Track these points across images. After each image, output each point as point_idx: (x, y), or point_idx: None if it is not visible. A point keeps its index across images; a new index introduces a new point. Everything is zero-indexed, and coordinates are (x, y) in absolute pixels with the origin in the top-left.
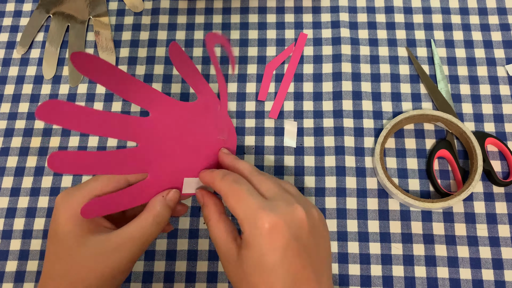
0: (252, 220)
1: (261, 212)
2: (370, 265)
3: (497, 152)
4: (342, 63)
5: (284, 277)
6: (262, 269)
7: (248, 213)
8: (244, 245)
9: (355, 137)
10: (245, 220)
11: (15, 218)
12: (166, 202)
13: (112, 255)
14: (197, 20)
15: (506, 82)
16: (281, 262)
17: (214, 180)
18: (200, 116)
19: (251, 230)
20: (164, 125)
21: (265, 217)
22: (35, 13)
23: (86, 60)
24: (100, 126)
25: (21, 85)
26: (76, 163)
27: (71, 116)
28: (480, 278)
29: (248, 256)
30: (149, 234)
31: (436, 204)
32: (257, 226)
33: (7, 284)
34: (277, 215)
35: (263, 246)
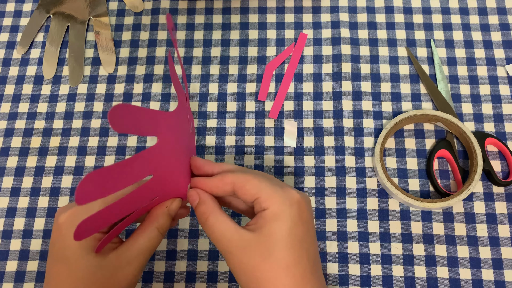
0: (281, 193)
1: (287, 187)
2: (370, 265)
3: (497, 152)
4: (342, 63)
5: (309, 250)
6: (291, 241)
7: (274, 190)
8: (271, 219)
9: (355, 137)
10: (272, 195)
11: (15, 218)
12: (169, 212)
13: (125, 270)
14: (197, 20)
15: (506, 82)
16: (307, 234)
17: (223, 177)
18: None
19: (281, 201)
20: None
21: (292, 192)
22: (35, 13)
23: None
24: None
25: (21, 85)
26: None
27: (102, 188)
28: (480, 278)
29: (278, 228)
30: (155, 244)
31: (436, 204)
32: (288, 198)
33: (7, 284)
34: (299, 193)
35: (294, 218)
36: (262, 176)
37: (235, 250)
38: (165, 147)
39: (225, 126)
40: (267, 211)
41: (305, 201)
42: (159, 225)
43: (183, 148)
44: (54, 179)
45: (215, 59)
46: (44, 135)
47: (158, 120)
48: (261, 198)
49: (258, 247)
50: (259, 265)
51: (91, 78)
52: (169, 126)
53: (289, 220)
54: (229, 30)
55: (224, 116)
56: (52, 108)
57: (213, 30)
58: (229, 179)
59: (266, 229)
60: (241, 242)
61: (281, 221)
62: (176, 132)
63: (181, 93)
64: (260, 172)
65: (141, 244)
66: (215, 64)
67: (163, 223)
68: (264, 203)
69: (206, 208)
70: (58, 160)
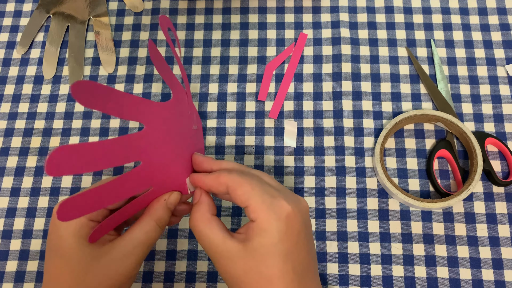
0: (268, 206)
1: (277, 198)
2: (370, 265)
3: (497, 152)
4: (342, 63)
5: (296, 264)
6: (276, 256)
7: (264, 200)
8: (258, 232)
9: (355, 137)
10: (260, 207)
11: (15, 218)
12: (167, 205)
13: (121, 263)
14: (197, 20)
15: (506, 82)
16: (294, 249)
17: (219, 176)
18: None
19: (268, 215)
20: (158, 132)
21: (282, 203)
22: (35, 13)
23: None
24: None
25: (21, 85)
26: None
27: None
28: (480, 278)
29: (263, 243)
30: (153, 238)
31: (436, 204)
32: (275, 212)
33: (7, 284)
34: (291, 203)
35: (281, 232)
36: (256, 182)
37: (221, 259)
38: (154, 135)
39: (225, 126)
40: (254, 223)
41: (297, 212)
42: (156, 218)
43: (182, 142)
44: (54, 179)
45: (215, 59)
46: (44, 135)
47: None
48: (249, 208)
49: (242, 260)
50: (243, 278)
51: (91, 78)
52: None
53: (275, 235)
54: (229, 30)
55: (224, 116)
56: (52, 108)
57: (213, 30)
58: (223, 180)
59: (252, 243)
60: (227, 253)
61: (267, 237)
62: (170, 123)
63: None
64: (258, 173)
65: (137, 237)
66: (215, 64)
67: (160, 215)
68: (252, 214)
69: (199, 210)
70: None
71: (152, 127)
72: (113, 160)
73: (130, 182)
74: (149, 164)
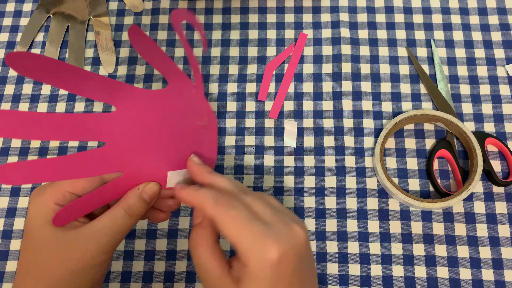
0: (258, 251)
1: (268, 242)
2: (370, 265)
3: (497, 152)
4: (342, 63)
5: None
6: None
7: (253, 243)
8: (248, 278)
9: (355, 137)
10: (250, 252)
11: (15, 218)
12: (140, 194)
13: (83, 247)
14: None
15: (506, 82)
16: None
17: (205, 206)
18: (173, 102)
19: (258, 262)
20: (132, 118)
21: (273, 246)
22: (35, 13)
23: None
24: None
25: (21, 85)
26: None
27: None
28: (480, 278)
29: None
30: (120, 225)
31: (436, 204)
32: (266, 258)
33: (7, 284)
34: (284, 242)
35: (272, 278)
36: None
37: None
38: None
39: (225, 126)
40: (245, 268)
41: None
42: (126, 206)
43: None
44: None
45: (215, 59)
46: None
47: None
48: (237, 250)
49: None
50: None
51: None
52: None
53: (266, 283)
54: (229, 30)
55: (224, 116)
56: (52, 108)
57: (213, 30)
58: (208, 212)
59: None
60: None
61: (258, 284)
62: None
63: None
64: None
65: (103, 223)
66: (215, 64)
67: (131, 204)
68: (241, 257)
69: (201, 235)
70: None
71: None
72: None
73: (93, 160)
74: (114, 146)
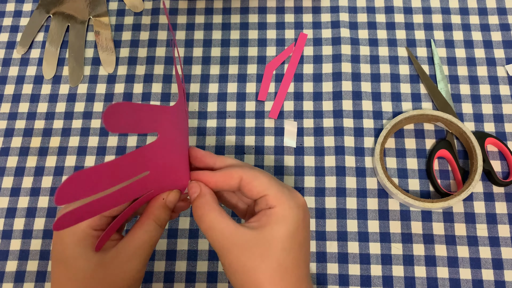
0: (288, 196)
1: (292, 190)
2: (370, 265)
3: (497, 152)
4: (342, 63)
5: (307, 254)
6: (294, 245)
7: (282, 190)
8: (275, 220)
9: (355, 137)
10: (281, 194)
11: (15, 218)
12: (166, 204)
13: (126, 267)
14: (197, 20)
15: (506, 82)
16: (307, 240)
17: (231, 172)
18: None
19: (289, 203)
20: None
21: (298, 194)
22: (35, 13)
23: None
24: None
25: (21, 85)
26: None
27: (87, 187)
28: (480, 278)
29: (281, 231)
30: (155, 237)
31: (436, 204)
32: (295, 201)
33: (7, 284)
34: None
35: (299, 220)
36: (269, 175)
37: (233, 248)
38: (165, 142)
39: (225, 126)
40: (273, 210)
41: (307, 206)
42: (156, 218)
43: (182, 141)
44: (54, 179)
45: (215, 59)
46: (44, 135)
47: (158, 115)
48: (269, 196)
49: (258, 247)
50: (258, 265)
51: (91, 78)
52: (170, 121)
53: (294, 223)
54: (229, 30)
55: (224, 116)
56: (52, 108)
57: (213, 30)
58: (237, 174)
59: (269, 229)
60: (241, 241)
61: (286, 223)
62: (176, 126)
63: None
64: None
65: (139, 239)
66: (215, 64)
67: (160, 215)
68: (271, 202)
69: (206, 202)
70: (58, 160)
71: (164, 134)
72: (122, 178)
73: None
74: (157, 172)
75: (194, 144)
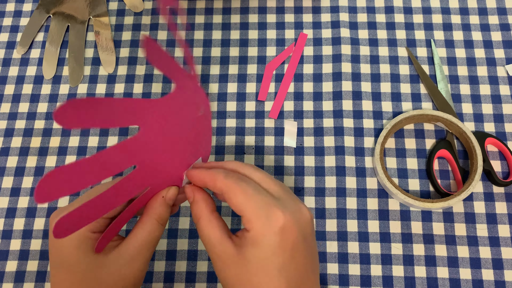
0: (263, 217)
1: (273, 209)
2: (370, 265)
3: (497, 152)
4: (342, 63)
5: (290, 279)
6: (269, 270)
7: (259, 210)
8: (251, 243)
9: (355, 137)
10: (255, 217)
11: (15, 218)
12: (165, 201)
13: (129, 267)
14: (197, 20)
15: (506, 82)
16: (290, 262)
17: (215, 179)
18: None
19: (262, 227)
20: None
21: (278, 214)
22: (35, 13)
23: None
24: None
25: (21, 85)
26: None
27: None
28: (480, 278)
29: (255, 255)
30: (156, 236)
31: (436, 204)
32: (270, 224)
33: (7, 284)
34: (289, 214)
35: (275, 245)
36: (252, 190)
37: (217, 260)
38: (151, 136)
39: (225, 126)
40: (248, 233)
41: (294, 223)
42: (157, 216)
43: (182, 134)
44: None
45: (215, 59)
46: (44, 135)
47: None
48: (244, 218)
49: (236, 267)
50: (236, 284)
51: (91, 78)
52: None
53: (268, 249)
54: (229, 30)
55: (224, 116)
56: (52, 108)
57: (213, 30)
58: (219, 185)
59: (245, 252)
60: (223, 254)
61: (260, 249)
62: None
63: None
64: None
65: (142, 238)
66: (215, 64)
67: (161, 213)
68: (246, 224)
69: (198, 208)
70: (58, 160)
71: (148, 128)
72: (106, 173)
73: (126, 187)
74: (145, 166)
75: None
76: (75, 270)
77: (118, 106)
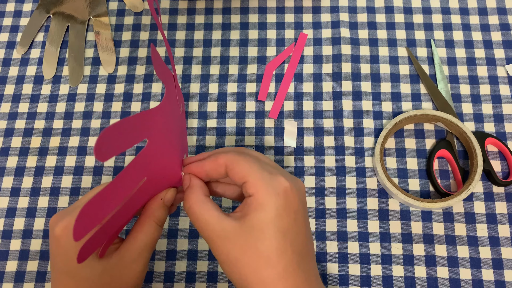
0: (267, 181)
1: (275, 175)
2: (370, 265)
3: (497, 152)
4: (342, 63)
5: (294, 243)
6: (275, 233)
7: (261, 176)
8: (254, 208)
9: (355, 137)
10: (258, 181)
11: (15, 218)
12: (165, 204)
13: (130, 269)
14: (197, 20)
15: (506, 82)
16: (293, 226)
17: (216, 158)
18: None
19: (266, 189)
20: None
21: (280, 179)
22: (35, 13)
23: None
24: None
25: (21, 85)
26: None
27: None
28: (480, 278)
29: (260, 218)
30: (155, 238)
31: (436, 204)
32: (274, 187)
33: (7, 284)
34: (289, 180)
35: (279, 207)
36: (253, 160)
37: (217, 239)
38: (157, 146)
39: (225, 126)
40: (251, 198)
41: (295, 189)
42: (156, 219)
43: (175, 134)
44: (54, 179)
45: (215, 59)
46: (44, 135)
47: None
48: (247, 183)
49: (239, 238)
50: (240, 257)
51: (91, 78)
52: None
53: (272, 210)
54: (229, 30)
55: (224, 116)
56: (52, 108)
57: (213, 30)
58: (221, 160)
59: (249, 219)
60: (223, 232)
61: (264, 211)
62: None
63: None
64: (256, 153)
65: (142, 241)
66: (215, 64)
67: (160, 215)
68: (249, 189)
69: (192, 193)
70: (58, 160)
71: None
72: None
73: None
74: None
75: (194, 144)
76: (80, 276)
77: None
